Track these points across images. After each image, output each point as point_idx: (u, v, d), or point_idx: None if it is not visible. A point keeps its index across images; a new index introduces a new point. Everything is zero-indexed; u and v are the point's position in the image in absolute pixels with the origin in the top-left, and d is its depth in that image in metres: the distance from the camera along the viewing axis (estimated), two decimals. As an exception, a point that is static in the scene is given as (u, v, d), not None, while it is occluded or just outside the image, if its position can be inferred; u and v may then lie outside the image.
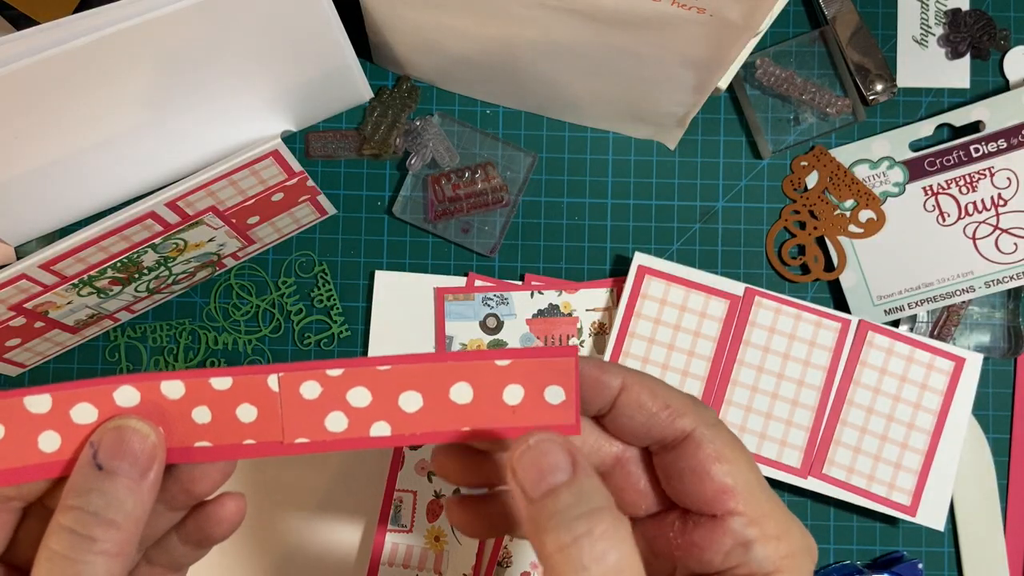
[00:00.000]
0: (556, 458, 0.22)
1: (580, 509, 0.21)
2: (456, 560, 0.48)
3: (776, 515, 0.25)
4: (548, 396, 0.25)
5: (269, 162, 0.43)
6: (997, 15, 0.50)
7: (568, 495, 0.22)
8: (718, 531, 0.25)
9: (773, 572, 0.24)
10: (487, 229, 0.50)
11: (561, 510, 0.22)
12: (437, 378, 0.25)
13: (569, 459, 0.23)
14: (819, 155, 0.50)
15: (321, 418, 0.25)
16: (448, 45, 0.45)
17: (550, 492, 0.22)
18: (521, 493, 0.22)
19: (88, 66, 0.36)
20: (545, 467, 0.22)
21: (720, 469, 0.25)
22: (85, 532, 0.22)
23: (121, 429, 0.23)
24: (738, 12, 0.35)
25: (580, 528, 0.21)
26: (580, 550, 0.21)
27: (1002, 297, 0.50)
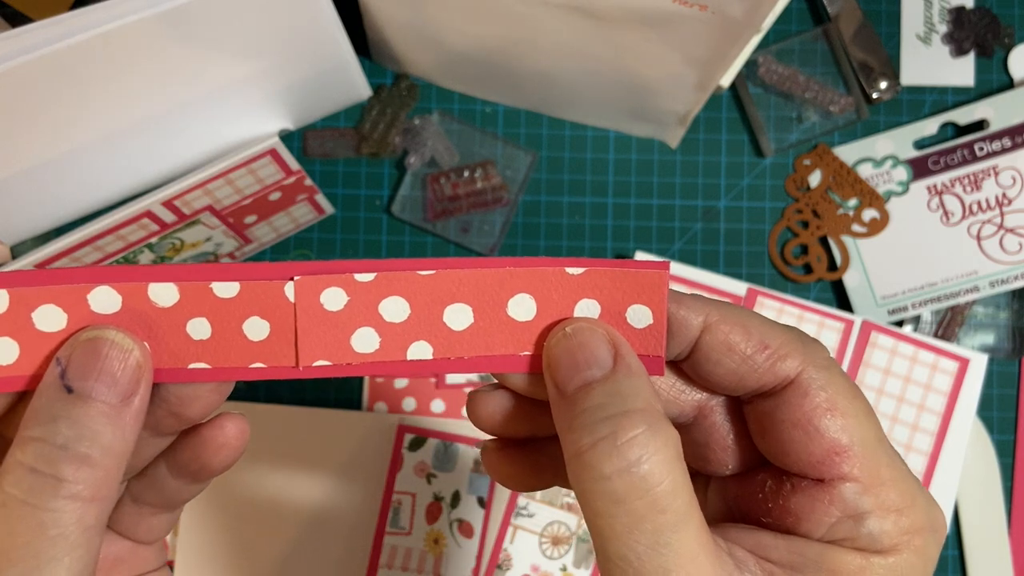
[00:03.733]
0: (595, 350, 0.19)
1: (610, 410, 0.18)
2: (455, 562, 0.47)
3: (899, 482, 0.20)
4: (631, 318, 0.20)
5: (267, 161, 0.42)
6: (1001, 13, 0.50)
7: (601, 393, 0.19)
8: (824, 499, 0.20)
9: (889, 549, 0.20)
10: (487, 228, 0.50)
11: (590, 408, 0.19)
12: (493, 288, 0.20)
13: (611, 351, 0.20)
14: (822, 154, 0.50)
15: (347, 335, 0.20)
16: (448, 43, 0.45)
17: (583, 388, 0.19)
18: (553, 388, 0.20)
19: (83, 64, 0.36)
20: (581, 359, 0.19)
21: (832, 423, 0.20)
22: (50, 471, 0.17)
23: (96, 341, 0.19)
24: (740, 9, 0.34)
25: (603, 431, 0.18)
26: (599, 456, 0.18)
27: (1007, 297, 0.50)
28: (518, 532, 0.48)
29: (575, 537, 0.48)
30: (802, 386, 0.20)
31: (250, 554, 0.48)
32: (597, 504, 0.18)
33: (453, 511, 0.48)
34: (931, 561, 0.20)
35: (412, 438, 0.48)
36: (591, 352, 0.20)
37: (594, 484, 0.18)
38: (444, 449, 0.48)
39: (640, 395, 0.19)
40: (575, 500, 0.48)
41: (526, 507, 0.48)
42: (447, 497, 0.48)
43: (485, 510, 0.48)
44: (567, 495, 0.48)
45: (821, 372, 0.21)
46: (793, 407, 0.20)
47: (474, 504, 0.48)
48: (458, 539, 0.48)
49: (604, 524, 0.18)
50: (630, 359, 0.20)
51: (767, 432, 0.21)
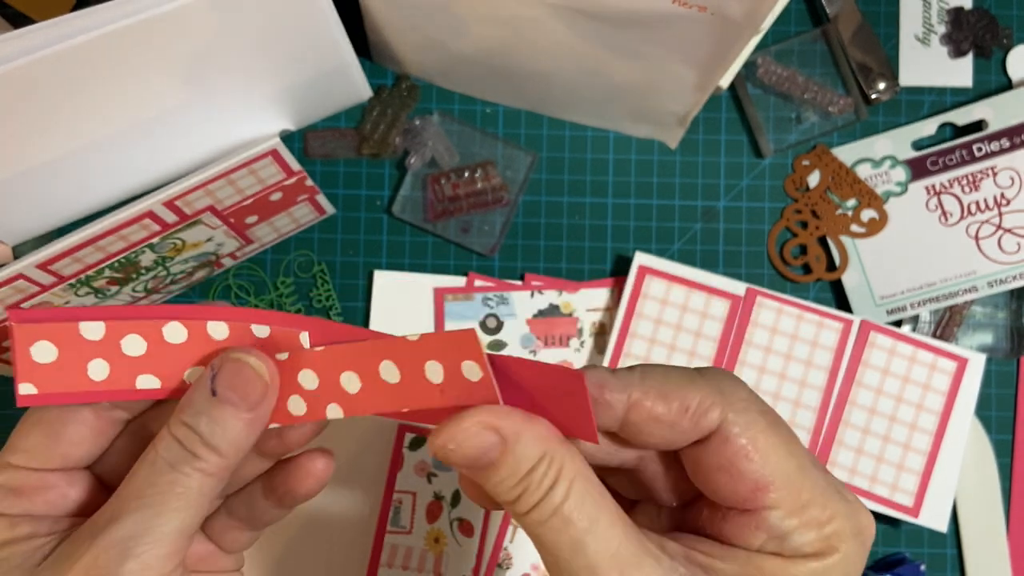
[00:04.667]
0: (483, 439, 0.22)
1: (519, 473, 0.22)
2: (456, 562, 0.47)
3: (820, 500, 0.23)
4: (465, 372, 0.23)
5: (268, 161, 0.42)
6: (1000, 14, 0.50)
7: (505, 467, 0.22)
8: (752, 524, 0.23)
9: (815, 555, 0.23)
10: (487, 229, 0.50)
11: (503, 480, 0.22)
12: (366, 358, 0.24)
13: (494, 434, 0.22)
14: (821, 154, 0.50)
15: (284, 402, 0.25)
16: (448, 43, 0.45)
17: (488, 468, 0.22)
18: (465, 472, 0.23)
19: (85, 65, 0.36)
20: (473, 455, 0.22)
21: (752, 465, 0.23)
22: (190, 448, 0.23)
23: (240, 362, 0.24)
24: (739, 10, 0.34)
25: (521, 488, 0.22)
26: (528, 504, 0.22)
27: (1005, 297, 0.50)
28: (518, 531, 0.48)
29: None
30: (723, 434, 0.23)
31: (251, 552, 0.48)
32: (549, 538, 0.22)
33: (454, 510, 0.48)
34: (857, 561, 0.23)
35: (412, 437, 0.48)
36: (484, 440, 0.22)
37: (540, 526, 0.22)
38: (444, 449, 0.48)
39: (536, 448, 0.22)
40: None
41: (526, 507, 0.48)
42: (448, 496, 0.48)
43: (485, 510, 0.48)
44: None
45: (740, 416, 0.23)
46: (717, 454, 0.23)
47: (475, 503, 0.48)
48: (459, 538, 0.48)
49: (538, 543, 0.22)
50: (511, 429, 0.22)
51: (698, 474, 0.24)
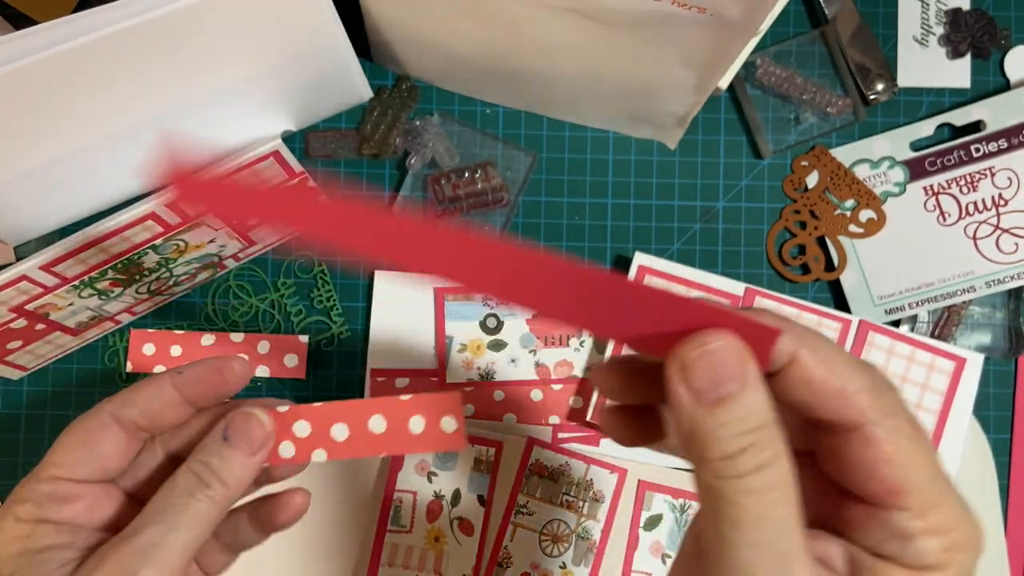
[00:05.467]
0: (732, 367, 0.22)
1: (751, 422, 0.21)
2: (456, 560, 0.48)
3: (946, 505, 0.22)
4: (443, 425, 0.29)
5: (270, 162, 0.43)
6: (998, 15, 0.50)
7: (740, 406, 0.21)
8: (878, 519, 0.23)
9: (934, 567, 0.22)
10: (487, 229, 0.50)
11: (731, 420, 0.21)
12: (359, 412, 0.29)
13: (744, 369, 0.22)
14: (820, 155, 0.50)
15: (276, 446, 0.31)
16: (448, 44, 0.45)
17: (722, 400, 0.22)
18: (688, 396, 0.22)
19: (87, 66, 0.36)
20: (722, 374, 0.22)
21: (892, 471, 0.22)
22: (204, 480, 0.29)
23: (248, 415, 0.30)
24: (738, 11, 0.34)
25: (747, 439, 0.21)
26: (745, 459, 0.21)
27: (1003, 297, 0.50)
28: (518, 530, 0.48)
29: (574, 535, 0.48)
30: (867, 435, 0.22)
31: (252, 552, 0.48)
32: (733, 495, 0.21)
33: (454, 509, 0.48)
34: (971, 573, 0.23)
35: (413, 437, 0.48)
36: (730, 368, 0.22)
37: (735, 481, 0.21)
38: (445, 448, 0.48)
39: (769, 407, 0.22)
40: (573, 498, 0.48)
41: (526, 505, 0.48)
42: (448, 495, 0.48)
43: (485, 508, 0.48)
44: (566, 494, 0.48)
45: (888, 420, 0.22)
46: (858, 452, 0.23)
47: (474, 502, 0.48)
48: (458, 537, 0.48)
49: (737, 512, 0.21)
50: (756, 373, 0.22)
51: (831, 462, 0.24)
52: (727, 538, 0.21)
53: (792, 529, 0.21)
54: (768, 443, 0.21)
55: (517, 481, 0.48)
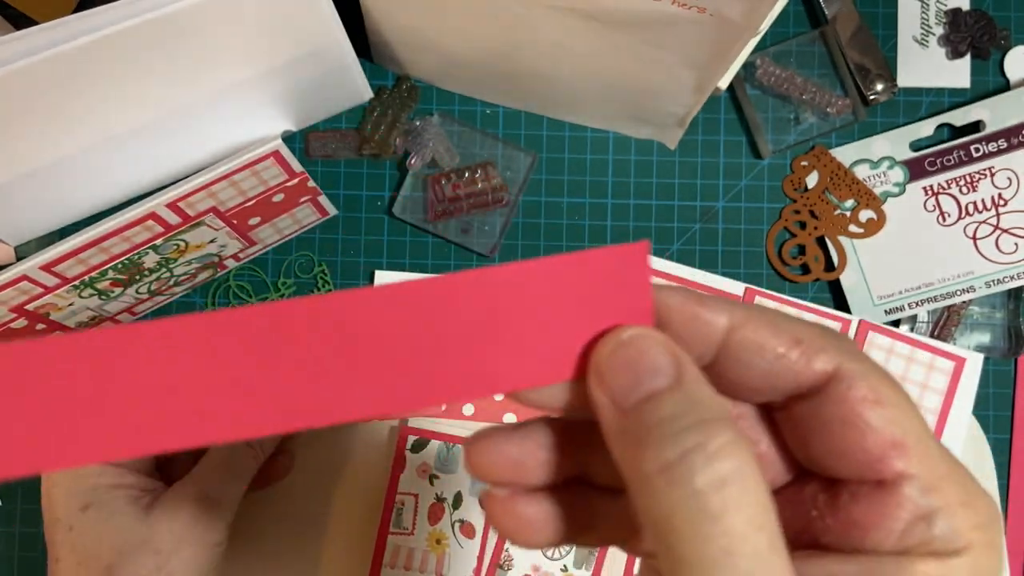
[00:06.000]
0: (656, 358, 0.18)
1: (690, 419, 0.17)
2: (457, 563, 0.48)
3: (957, 476, 0.18)
4: None
5: (270, 163, 0.43)
6: (997, 15, 0.50)
7: (673, 402, 0.17)
8: (890, 502, 0.18)
9: (964, 548, 0.18)
10: (487, 229, 0.50)
11: (664, 420, 0.17)
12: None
13: (672, 360, 0.18)
14: (819, 155, 0.50)
15: None
16: (448, 45, 0.45)
17: (649, 398, 0.17)
18: (609, 402, 0.18)
19: (87, 66, 0.36)
20: (643, 368, 0.17)
21: (883, 415, 0.18)
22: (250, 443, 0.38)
23: None
24: (738, 11, 0.34)
25: (689, 441, 0.16)
26: (691, 468, 0.16)
27: (1002, 297, 0.50)
28: (519, 531, 0.48)
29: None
30: (844, 379, 0.18)
31: (253, 553, 0.48)
32: (685, 527, 0.16)
33: (455, 512, 0.48)
34: (1002, 553, 0.19)
35: (415, 440, 0.48)
36: (653, 360, 0.18)
37: (684, 503, 0.16)
38: (446, 451, 0.48)
39: (715, 403, 0.17)
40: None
41: (527, 506, 0.48)
42: (449, 498, 0.48)
43: (486, 510, 0.48)
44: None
45: (859, 364, 0.19)
46: (837, 403, 0.18)
47: (476, 505, 0.48)
48: (460, 539, 0.48)
49: (695, 550, 0.16)
50: (691, 367, 0.18)
51: (810, 437, 0.19)
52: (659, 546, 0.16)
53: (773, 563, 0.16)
54: (723, 446, 0.16)
55: (518, 482, 0.48)
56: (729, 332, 0.19)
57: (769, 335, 0.19)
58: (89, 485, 0.35)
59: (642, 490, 0.17)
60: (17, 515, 0.50)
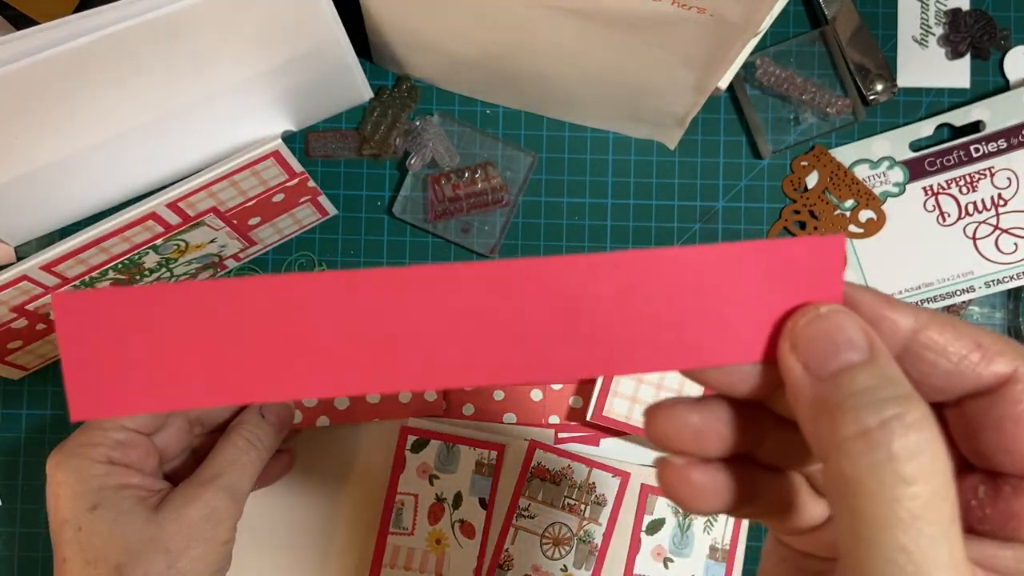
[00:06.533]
0: (852, 333, 0.19)
1: (888, 392, 0.18)
2: (457, 563, 0.48)
3: None
4: None
5: (270, 163, 0.43)
6: (997, 15, 0.50)
7: (870, 375, 0.18)
8: None
9: None
10: (487, 229, 0.50)
11: (864, 389, 0.18)
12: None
13: (866, 338, 0.19)
14: (819, 155, 0.50)
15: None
16: (448, 45, 0.45)
17: (846, 369, 0.18)
18: (803, 371, 0.19)
19: (88, 66, 0.36)
20: (840, 340, 0.19)
21: None
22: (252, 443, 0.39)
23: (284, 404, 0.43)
24: (738, 12, 0.35)
25: (889, 411, 0.17)
26: (890, 435, 0.17)
27: (1002, 297, 0.50)
28: (519, 533, 0.48)
29: (575, 538, 0.48)
30: (1020, 381, 0.20)
31: (253, 553, 0.48)
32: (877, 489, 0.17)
33: (455, 512, 0.48)
34: None
35: (415, 440, 0.48)
36: (849, 335, 0.19)
37: (879, 466, 0.17)
38: (446, 451, 0.48)
39: (906, 380, 0.18)
40: (575, 501, 0.48)
41: (527, 508, 0.48)
42: (449, 498, 0.48)
43: (487, 511, 0.48)
44: (568, 497, 0.48)
45: None
46: (1012, 403, 0.20)
47: (476, 505, 0.48)
48: (460, 540, 0.48)
49: (884, 511, 0.17)
50: (884, 347, 0.19)
51: (980, 433, 0.20)
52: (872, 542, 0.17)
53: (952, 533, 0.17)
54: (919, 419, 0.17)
55: (519, 484, 0.48)
56: (914, 333, 0.20)
57: (952, 338, 0.20)
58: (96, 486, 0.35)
59: (836, 452, 0.18)
60: (18, 515, 0.50)
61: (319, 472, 0.49)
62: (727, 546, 0.48)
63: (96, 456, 0.36)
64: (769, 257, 0.19)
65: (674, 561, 0.48)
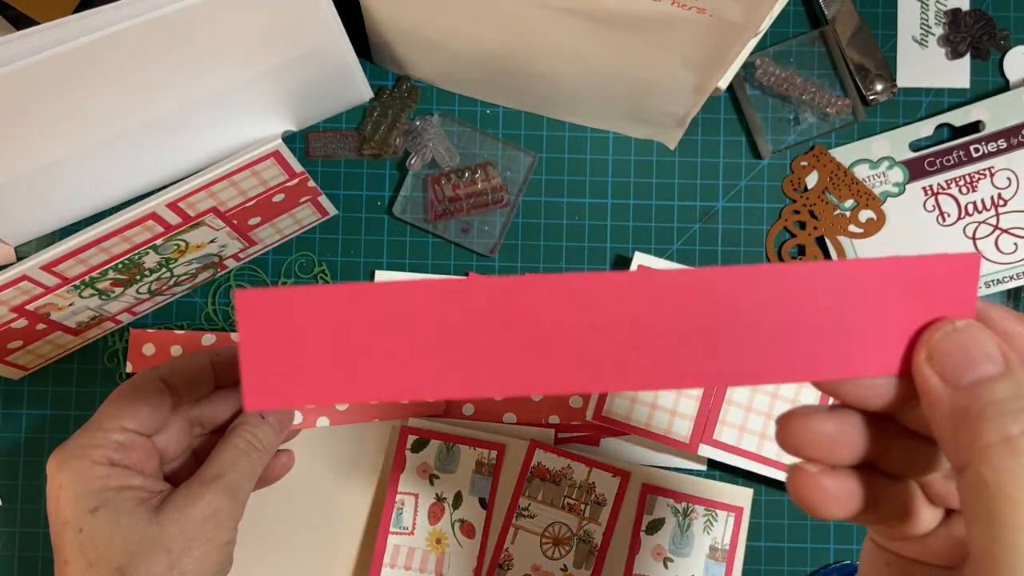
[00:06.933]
0: (988, 347, 0.20)
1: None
2: (457, 562, 0.48)
3: None
4: None
5: (270, 163, 0.43)
6: (997, 15, 0.50)
7: (1009, 386, 0.19)
8: None
9: None
10: (487, 229, 0.50)
11: (1005, 399, 0.19)
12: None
13: (1002, 351, 0.20)
14: (819, 155, 0.50)
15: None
16: (448, 45, 0.45)
17: (983, 381, 0.19)
18: (940, 382, 0.20)
19: (88, 66, 0.36)
20: (977, 353, 0.19)
21: None
22: (253, 444, 0.39)
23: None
24: (738, 12, 0.35)
25: None
26: None
27: (1002, 297, 0.50)
28: (519, 532, 0.48)
29: (576, 538, 0.48)
30: None
31: (253, 553, 0.48)
32: (1018, 492, 0.18)
33: (455, 512, 0.48)
34: None
35: (415, 440, 0.48)
36: (985, 347, 0.20)
37: (1022, 471, 0.18)
38: (447, 450, 0.48)
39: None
40: (575, 501, 0.48)
41: (527, 508, 0.48)
42: (449, 498, 0.48)
43: (487, 511, 0.48)
44: (568, 497, 0.48)
45: None
46: None
47: (476, 505, 0.48)
48: (460, 539, 0.48)
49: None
50: (1017, 360, 0.20)
51: None
52: (1012, 544, 0.18)
53: None
54: None
55: (519, 484, 0.48)
56: None
57: None
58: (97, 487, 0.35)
59: (977, 459, 0.18)
60: (18, 515, 0.50)
61: (319, 472, 0.49)
62: (727, 546, 0.48)
63: (97, 457, 0.36)
64: (907, 273, 0.20)
65: (674, 561, 0.48)
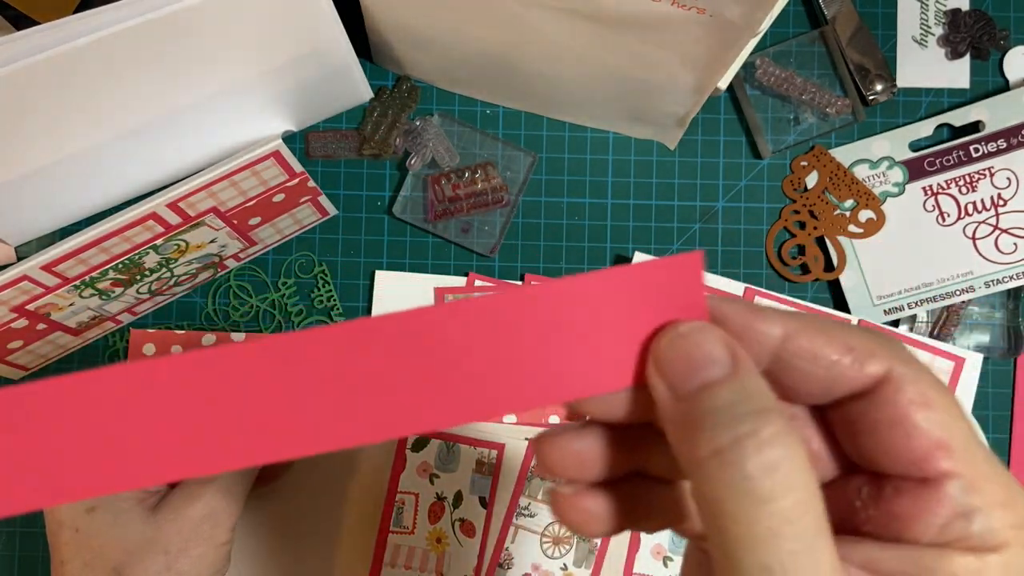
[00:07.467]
0: (712, 349, 0.19)
1: (744, 408, 0.18)
2: (457, 562, 0.48)
3: (998, 477, 0.19)
4: None
5: (270, 163, 0.43)
6: (997, 15, 0.50)
7: (728, 392, 0.18)
8: (930, 499, 0.19)
9: (1000, 546, 0.19)
10: (487, 229, 0.50)
11: (719, 407, 0.18)
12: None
13: (728, 353, 0.19)
14: (819, 155, 0.50)
15: None
16: (448, 45, 0.45)
17: (705, 387, 0.18)
18: (666, 390, 0.19)
19: (88, 66, 0.36)
20: (699, 358, 0.19)
21: (930, 418, 0.19)
22: None
23: None
24: (738, 12, 0.35)
25: (743, 427, 0.17)
26: (742, 453, 0.17)
27: (1002, 297, 0.50)
28: (519, 532, 0.48)
29: (575, 537, 0.48)
30: (893, 383, 0.20)
31: (253, 552, 0.48)
32: (735, 508, 0.17)
33: (455, 511, 0.48)
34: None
35: (415, 439, 0.48)
36: (708, 351, 0.19)
37: (735, 484, 0.17)
38: (447, 450, 0.48)
39: (767, 393, 0.18)
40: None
41: (527, 507, 0.48)
42: (450, 497, 0.48)
43: (487, 510, 0.48)
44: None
45: (908, 367, 0.20)
46: (887, 405, 0.20)
47: (476, 504, 0.48)
48: (460, 538, 0.48)
49: (744, 530, 0.17)
50: (746, 359, 0.19)
51: (859, 435, 0.20)
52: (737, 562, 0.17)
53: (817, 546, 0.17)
54: (774, 435, 0.17)
55: (519, 483, 0.48)
56: (783, 341, 0.20)
57: (822, 343, 0.20)
58: None
59: (696, 473, 0.18)
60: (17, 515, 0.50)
61: (319, 472, 0.49)
62: (726, 545, 0.48)
63: None
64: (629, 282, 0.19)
65: (673, 560, 0.48)
